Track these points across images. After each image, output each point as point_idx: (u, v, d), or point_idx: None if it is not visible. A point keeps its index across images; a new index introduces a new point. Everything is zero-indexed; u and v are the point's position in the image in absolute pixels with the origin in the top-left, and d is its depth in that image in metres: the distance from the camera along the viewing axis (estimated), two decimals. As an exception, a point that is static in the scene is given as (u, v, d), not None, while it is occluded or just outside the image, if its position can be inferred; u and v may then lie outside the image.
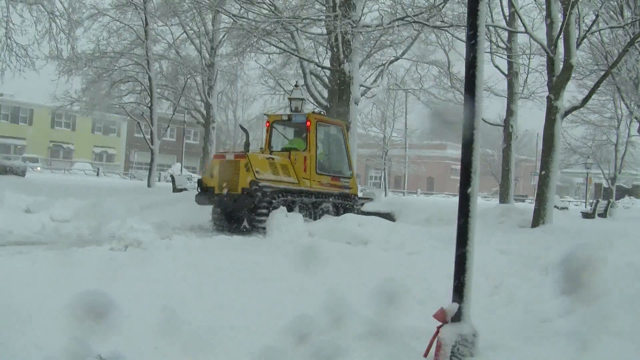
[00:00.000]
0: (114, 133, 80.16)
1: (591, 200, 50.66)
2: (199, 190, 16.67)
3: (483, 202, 56.05)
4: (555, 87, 18.13)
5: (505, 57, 30.09)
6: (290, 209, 16.29)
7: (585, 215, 29.46)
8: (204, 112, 40.16)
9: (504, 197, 32.07)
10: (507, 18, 28.73)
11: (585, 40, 18.64)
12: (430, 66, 33.92)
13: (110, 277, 7.60)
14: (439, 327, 5.33)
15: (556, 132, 18.31)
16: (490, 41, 31.05)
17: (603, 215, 30.32)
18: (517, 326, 6.48)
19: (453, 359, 5.23)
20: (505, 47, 31.56)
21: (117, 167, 77.89)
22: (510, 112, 32.39)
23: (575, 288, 7.04)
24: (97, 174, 63.92)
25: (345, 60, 24.17)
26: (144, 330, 5.58)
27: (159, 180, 42.76)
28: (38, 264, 7.94)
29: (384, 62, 31.87)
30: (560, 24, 17.91)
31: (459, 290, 5.33)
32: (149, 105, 37.92)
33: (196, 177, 54.90)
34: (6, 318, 5.76)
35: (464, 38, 26.97)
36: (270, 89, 40.78)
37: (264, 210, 15.55)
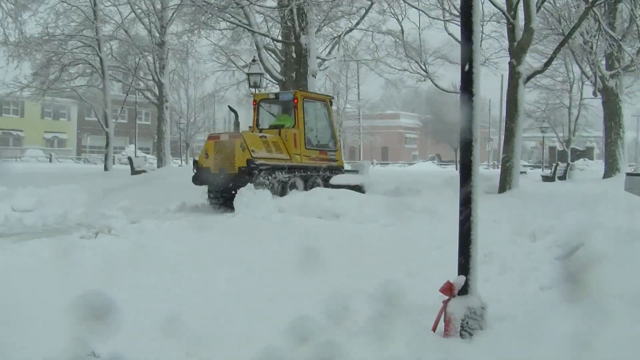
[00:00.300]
0: (65, 117, 78.38)
1: (547, 164, 51.29)
2: (195, 171, 17.09)
3: (441, 170, 56.49)
4: (517, 52, 18.15)
5: (459, 24, 30.02)
6: (284, 185, 16.90)
7: (546, 178, 29.79)
8: (157, 92, 39.48)
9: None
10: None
11: (537, 4, 18.65)
12: (385, 36, 33.71)
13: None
14: (445, 302, 5.20)
15: (519, 97, 18.37)
16: (443, 8, 31.05)
17: (563, 177, 30.67)
18: (516, 295, 6.37)
19: (463, 333, 5.12)
20: (458, 13, 31.53)
21: (69, 152, 76.35)
22: (465, 80, 32.37)
23: (569, 253, 6.97)
24: (50, 160, 62.66)
25: (301, 33, 23.84)
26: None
27: (113, 163, 42.06)
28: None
29: (338, 34, 31.64)
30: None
31: (465, 263, 5.20)
32: (101, 87, 37.19)
33: (151, 158, 54.58)
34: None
35: (418, 6, 27.03)
36: (222, 66, 40.44)
37: (262, 186, 16.02)
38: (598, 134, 68.05)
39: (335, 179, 17.68)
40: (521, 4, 17.96)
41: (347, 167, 21.11)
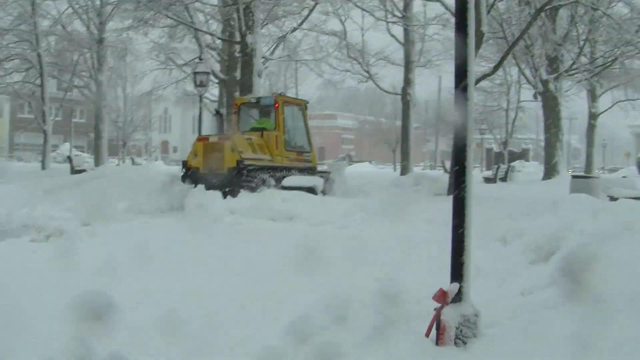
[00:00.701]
0: (-4, 114, 76.21)
1: (487, 166, 51.91)
2: (184, 171, 18.07)
3: (381, 172, 56.66)
4: (467, 54, 18.22)
5: (408, 25, 30.36)
6: (268, 183, 17.49)
7: (487, 179, 30.05)
8: (94, 90, 38.67)
9: (404, 166, 32.47)
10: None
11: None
12: (329, 37, 33.83)
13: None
14: (438, 309, 5.09)
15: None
16: (386, 10, 31.20)
17: (504, 179, 31.00)
18: (496, 301, 6.25)
19: (457, 341, 5.01)
20: (401, 15, 31.76)
21: (1, 150, 74.15)
22: (407, 81, 32.72)
23: (545, 258, 6.95)
24: (-19, 158, 60.82)
25: (247, 32, 23.54)
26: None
27: (47, 162, 41.09)
28: None
29: (282, 33, 31.60)
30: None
31: (458, 269, 5.10)
32: (38, 83, 36.25)
33: (86, 156, 53.40)
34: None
35: (362, 5, 27.09)
36: (161, 64, 40.02)
37: (251, 185, 16.87)
38: (533, 136, 69.48)
39: (287, 181, 17.65)
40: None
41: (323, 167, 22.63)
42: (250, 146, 18.11)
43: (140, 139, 78.00)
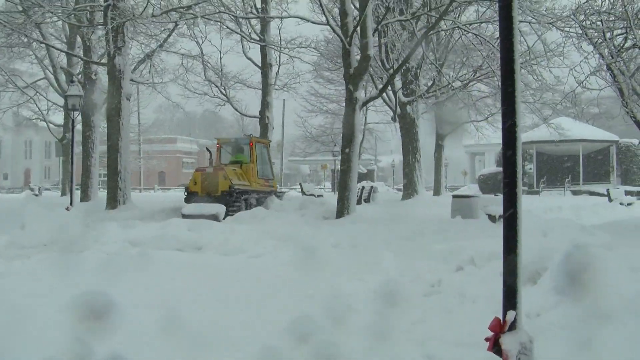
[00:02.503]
0: None
1: (333, 188, 52.77)
2: (186, 194, 22.14)
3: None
4: (354, 78, 18.43)
5: (271, 46, 30.62)
6: (247, 203, 22.53)
7: (353, 201, 30.35)
8: None
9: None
10: (259, 10, 29.53)
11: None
12: (183, 60, 33.58)
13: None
14: (493, 338, 5.00)
15: (356, 123, 18.70)
16: (242, 32, 31.23)
17: (367, 200, 31.49)
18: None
19: (515, 370, 4.94)
20: (259, 38, 31.95)
21: None
22: (265, 104, 32.94)
23: (532, 278, 7.04)
24: None
25: (117, 54, 22.64)
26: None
27: None
28: None
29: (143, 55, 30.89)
30: (355, 16, 18.21)
31: (511, 297, 5.02)
32: None
33: None
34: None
35: (227, 25, 26.98)
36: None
37: (239, 204, 21.64)
38: (378, 157, 71.62)
39: (188, 209, 17.71)
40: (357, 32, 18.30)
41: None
42: (236, 175, 22.57)
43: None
